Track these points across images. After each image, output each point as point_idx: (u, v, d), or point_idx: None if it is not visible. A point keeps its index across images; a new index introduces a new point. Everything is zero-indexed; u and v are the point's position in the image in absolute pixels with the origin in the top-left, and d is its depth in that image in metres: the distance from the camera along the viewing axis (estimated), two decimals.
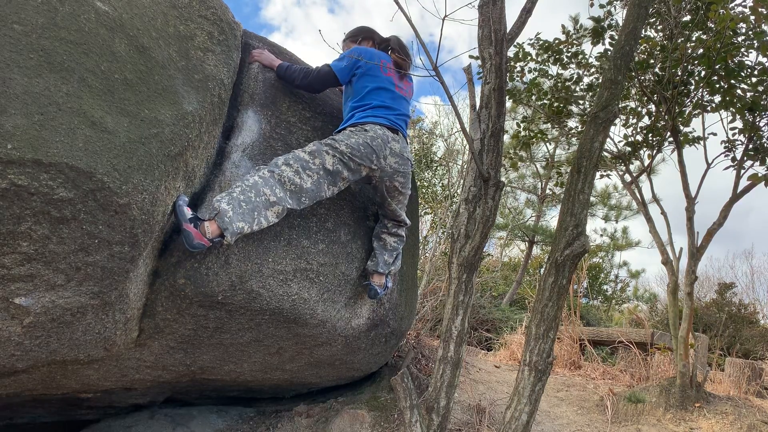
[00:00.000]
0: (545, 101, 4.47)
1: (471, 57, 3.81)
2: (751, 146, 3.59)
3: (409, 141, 3.19)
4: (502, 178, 2.30)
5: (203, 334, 2.09)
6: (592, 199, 7.85)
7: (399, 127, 2.40)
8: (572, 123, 4.74)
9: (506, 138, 5.67)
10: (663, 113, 3.80)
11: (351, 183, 2.31)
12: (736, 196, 3.65)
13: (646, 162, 4.26)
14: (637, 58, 3.75)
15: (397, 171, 2.35)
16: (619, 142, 4.26)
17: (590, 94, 4.29)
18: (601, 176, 4.71)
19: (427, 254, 6.18)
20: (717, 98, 3.59)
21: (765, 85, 3.37)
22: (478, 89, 2.68)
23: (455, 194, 6.79)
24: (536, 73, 4.38)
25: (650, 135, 4.04)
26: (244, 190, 1.90)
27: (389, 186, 2.40)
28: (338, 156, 2.14)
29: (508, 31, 2.37)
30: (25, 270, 1.40)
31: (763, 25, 3.29)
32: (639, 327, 6.34)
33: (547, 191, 11.08)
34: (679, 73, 3.59)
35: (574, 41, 4.24)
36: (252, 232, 1.91)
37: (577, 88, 4.33)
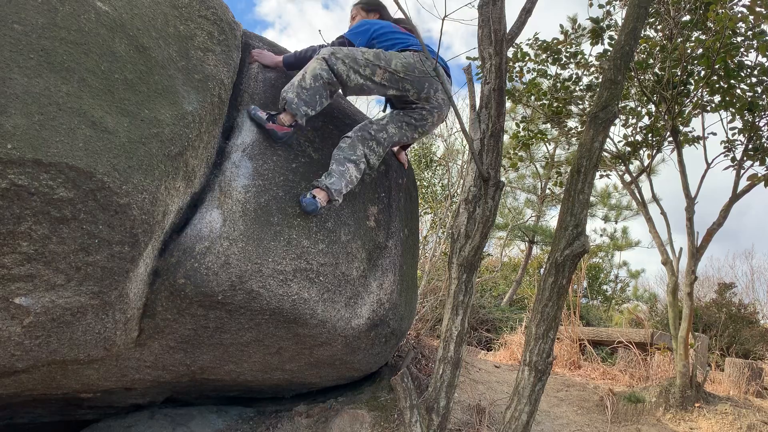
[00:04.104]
0: (544, 101, 4.47)
1: (469, 59, 3.81)
2: (750, 146, 3.59)
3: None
4: (502, 178, 2.30)
5: (203, 334, 2.09)
6: (592, 199, 7.83)
7: (447, 67, 2.55)
8: (572, 123, 4.74)
9: (506, 138, 5.67)
10: (663, 113, 3.80)
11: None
12: (735, 196, 3.65)
13: (646, 162, 4.26)
14: (636, 58, 3.75)
15: (441, 106, 2.47)
16: (619, 142, 4.26)
17: (590, 94, 4.28)
18: (601, 176, 4.70)
19: (427, 254, 6.18)
20: (717, 98, 3.59)
21: (764, 85, 3.37)
22: (477, 89, 2.68)
23: (455, 194, 6.78)
24: (535, 74, 4.38)
25: (650, 135, 4.04)
26: (304, 77, 2.15)
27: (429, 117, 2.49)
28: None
29: (507, 31, 2.37)
30: (25, 270, 1.41)
31: (762, 24, 3.29)
32: (639, 327, 6.33)
33: (547, 191, 11.07)
34: (679, 73, 3.59)
35: (573, 41, 4.23)
36: (316, 114, 2.21)
37: (577, 88, 4.32)
